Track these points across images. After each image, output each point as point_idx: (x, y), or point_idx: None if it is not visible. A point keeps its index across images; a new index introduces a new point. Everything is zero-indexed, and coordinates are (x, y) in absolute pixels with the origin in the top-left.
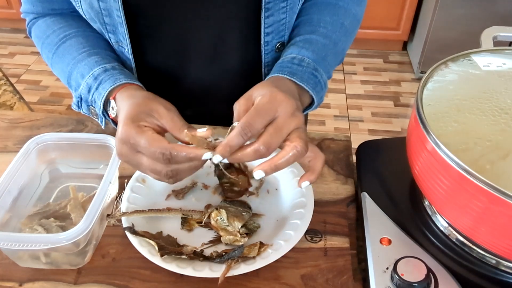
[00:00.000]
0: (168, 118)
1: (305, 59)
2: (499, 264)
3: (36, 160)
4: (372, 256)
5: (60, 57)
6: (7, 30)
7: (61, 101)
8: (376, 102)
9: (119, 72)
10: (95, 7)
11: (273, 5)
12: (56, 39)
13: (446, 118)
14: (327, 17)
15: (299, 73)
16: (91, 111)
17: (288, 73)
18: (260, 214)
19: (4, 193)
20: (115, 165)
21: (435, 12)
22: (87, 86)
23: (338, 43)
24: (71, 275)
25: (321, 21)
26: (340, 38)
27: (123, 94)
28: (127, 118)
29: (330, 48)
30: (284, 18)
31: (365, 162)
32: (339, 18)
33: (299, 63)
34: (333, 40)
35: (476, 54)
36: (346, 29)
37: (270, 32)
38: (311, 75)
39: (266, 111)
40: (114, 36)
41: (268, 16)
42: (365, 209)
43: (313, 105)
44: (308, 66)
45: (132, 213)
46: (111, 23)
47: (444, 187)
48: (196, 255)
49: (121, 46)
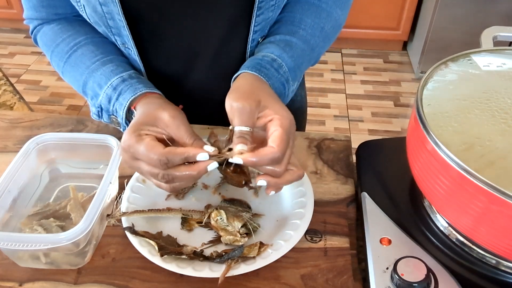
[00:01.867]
0: (173, 127)
1: (283, 66)
2: (499, 264)
3: (36, 160)
4: (372, 256)
5: (73, 66)
6: (7, 30)
7: (61, 101)
8: (376, 102)
9: (137, 81)
10: (98, 11)
11: (264, 4)
12: (67, 47)
13: (446, 118)
14: (309, 19)
15: (273, 79)
16: (112, 120)
17: (265, 75)
18: (260, 214)
19: (4, 193)
20: (115, 165)
21: (435, 12)
22: (107, 96)
23: (315, 49)
24: (71, 275)
25: (302, 22)
26: (318, 43)
27: (143, 103)
28: (130, 128)
29: (307, 54)
30: (271, 15)
31: (365, 162)
32: (320, 21)
33: (277, 68)
34: (311, 45)
35: (476, 54)
36: (325, 33)
37: (257, 30)
38: (282, 85)
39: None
40: (120, 39)
41: (259, 15)
42: (365, 209)
43: None
44: (283, 75)
45: (132, 213)
46: (115, 26)
47: (444, 187)
48: (196, 255)
49: (127, 48)
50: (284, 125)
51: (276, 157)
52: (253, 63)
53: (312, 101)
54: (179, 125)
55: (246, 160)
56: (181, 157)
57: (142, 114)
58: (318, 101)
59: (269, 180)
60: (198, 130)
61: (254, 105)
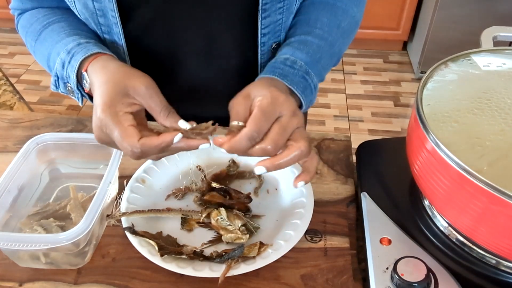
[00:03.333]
0: (146, 97)
1: (297, 62)
2: (499, 264)
3: (36, 160)
4: (372, 256)
5: (42, 42)
6: (7, 30)
7: (61, 101)
8: (376, 102)
9: (93, 44)
10: (89, 7)
11: (270, 6)
12: (39, 26)
13: (446, 118)
14: (324, 18)
15: (290, 76)
16: (68, 88)
17: (279, 74)
18: (260, 215)
19: (4, 193)
20: (115, 165)
21: (435, 12)
22: (61, 62)
23: (334, 45)
24: (71, 275)
25: (317, 22)
26: (336, 39)
27: (94, 65)
28: (104, 103)
29: (326, 50)
30: (281, 18)
31: (365, 162)
32: (336, 19)
33: (292, 65)
34: (329, 41)
35: (476, 54)
36: (343, 30)
37: (266, 33)
38: (302, 78)
39: (270, 113)
40: (109, 37)
41: (265, 17)
42: (365, 209)
43: (301, 108)
44: (300, 69)
45: (132, 213)
46: (106, 23)
47: (444, 187)
48: (196, 255)
49: (116, 47)
50: (261, 104)
51: (250, 135)
52: (267, 68)
53: None
54: (152, 95)
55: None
56: (156, 148)
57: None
58: (318, 101)
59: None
60: None
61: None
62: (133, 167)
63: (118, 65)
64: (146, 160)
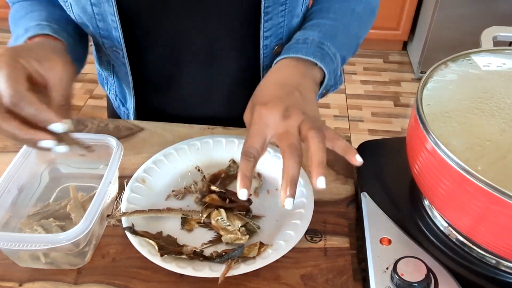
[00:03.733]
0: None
1: (309, 37)
2: (499, 264)
3: (36, 160)
4: (372, 256)
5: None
6: (7, 30)
7: None
8: (376, 102)
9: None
10: (88, 11)
11: (272, 9)
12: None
13: (446, 118)
14: (337, 4)
15: (303, 50)
16: None
17: (293, 52)
18: (260, 215)
19: (4, 193)
20: (115, 165)
21: (435, 12)
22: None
23: (349, 27)
24: (71, 275)
25: (330, 8)
26: (351, 22)
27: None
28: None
29: (340, 29)
30: (283, 21)
31: (365, 162)
32: (350, 4)
33: (304, 41)
34: (343, 22)
35: (476, 54)
36: (358, 14)
37: (269, 36)
38: (317, 47)
39: (257, 131)
40: (108, 41)
41: (267, 20)
42: (365, 209)
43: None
44: (312, 42)
45: (132, 213)
46: (105, 27)
47: (444, 187)
48: (196, 255)
49: (115, 51)
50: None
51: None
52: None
53: None
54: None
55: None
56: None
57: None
58: (318, 101)
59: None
60: (198, 130)
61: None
62: (133, 167)
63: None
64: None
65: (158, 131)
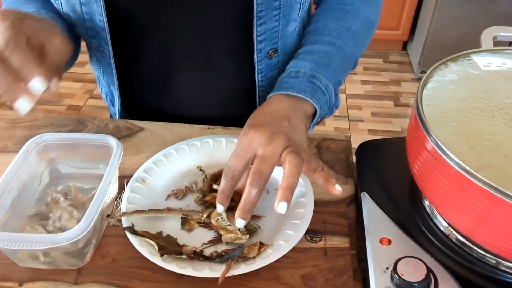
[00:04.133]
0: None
1: (300, 70)
2: (499, 264)
3: (36, 160)
4: (372, 256)
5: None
6: None
7: (61, 101)
8: (376, 102)
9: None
10: (77, 10)
11: (265, 13)
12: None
13: (446, 118)
14: (333, 24)
15: (295, 86)
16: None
17: (285, 88)
18: (260, 215)
19: (4, 193)
20: (115, 165)
21: (435, 12)
22: None
23: (344, 48)
24: (71, 275)
25: (325, 29)
26: (347, 42)
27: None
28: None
29: (334, 53)
30: (277, 25)
31: (365, 162)
32: (346, 23)
33: (295, 75)
34: (338, 45)
35: (476, 54)
36: (354, 33)
37: (262, 40)
38: (308, 82)
39: (242, 151)
40: (95, 41)
41: (260, 24)
42: (365, 209)
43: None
44: (304, 75)
45: (132, 213)
46: (93, 27)
47: (444, 187)
48: (196, 255)
49: (102, 51)
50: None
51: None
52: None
53: None
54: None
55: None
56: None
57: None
58: None
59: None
60: (198, 130)
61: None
62: (133, 167)
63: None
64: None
65: (158, 131)
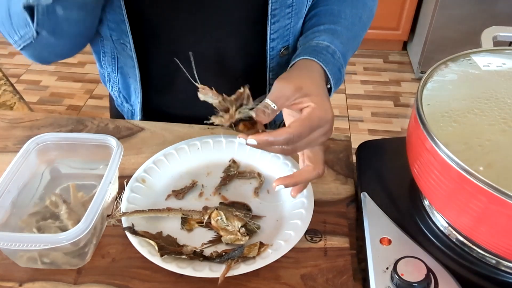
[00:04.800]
0: None
1: (337, 52)
2: (499, 264)
3: (36, 160)
4: (372, 256)
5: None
6: None
7: (61, 101)
8: (376, 102)
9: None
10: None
11: (279, 12)
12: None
13: (446, 118)
14: (348, 9)
15: (330, 65)
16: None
17: (323, 61)
18: (260, 215)
19: (4, 193)
20: (115, 165)
21: (435, 12)
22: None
23: (356, 38)
24: (71, 275)
25: (341, 13)
26: (358, 32)
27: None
28: None
29: (351, 42)
30: (289, 23)
31: (365, 162)
32: (357, 11)
33: (333, 54)
34: (353, 33)
35: (476, 54)
36: (363, 23)
37: (275, 38)
38: (338, 70)
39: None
40: (116, 33)
41: (274, 22)
42: (365, 209)
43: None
44: (338, 60)
45: (132, 213)
46: (114, 19)
47: (444, 187)
48: (196, 255)
49: (123, 44)
50: (312, 113)
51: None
52: (310, 49)
53: None
54: None
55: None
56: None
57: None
58: None
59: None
60: (198, 130)
61: (291, 89)
62: (133, 167)
63: None
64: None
65: (158, 131)
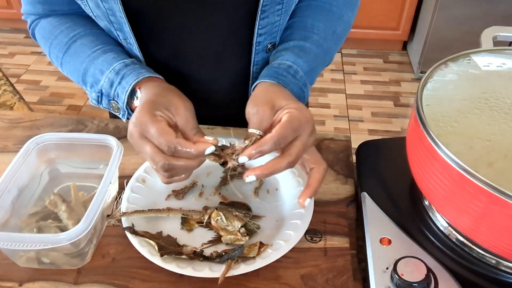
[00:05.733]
0: (183, 117)
1: (299, 72)
2: (499, 264)
3: (36, 160)
4: (372, 256)
5: (72, 56)
6: (7, 30)
7: (61, 101)
8: (376, 102)
9: (140, 66)
10: (100, 6)
11: (269, 8)
12: (66, 38)
13: (446, 118)
14: (321, 23)
15: (291, 85)
16: (112, 105)
17: (283, 82)
18: (260, 215)
19: (4, 193)
20: (115, 165)
21: (435, 12)
22: (109, 81)
23: (328, 52)
24: (71, 275)
25: (314, 27)
26: (330, 46)
27: (148, 85)
28: (145, 103)
29: (321, 58)
30: (278, 20)
31: (365, 162)
32: (332, 24)
33: (294, 74)
34: (324, 49)
35: (476, 54)
36: (337, 36)
37: (263, 33)
38: (300, 90)
39: (297, 127)
40: (122, 34)
41: (263, 18)
42: (365, 209)
43: None
44: (300, 80)
45: (132, 213)
46: (117, 21)
47: (444, 187)
48: (196, 255)
49: (129, 43)
50: (291, 116)
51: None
52: (271, 72)
53: (312, 101)
54: (189, 118)
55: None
56: (189, 151)
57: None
58: (318, 101)
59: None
60: None
61: (267, 110)
62: (133, 167)
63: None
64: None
65: None
